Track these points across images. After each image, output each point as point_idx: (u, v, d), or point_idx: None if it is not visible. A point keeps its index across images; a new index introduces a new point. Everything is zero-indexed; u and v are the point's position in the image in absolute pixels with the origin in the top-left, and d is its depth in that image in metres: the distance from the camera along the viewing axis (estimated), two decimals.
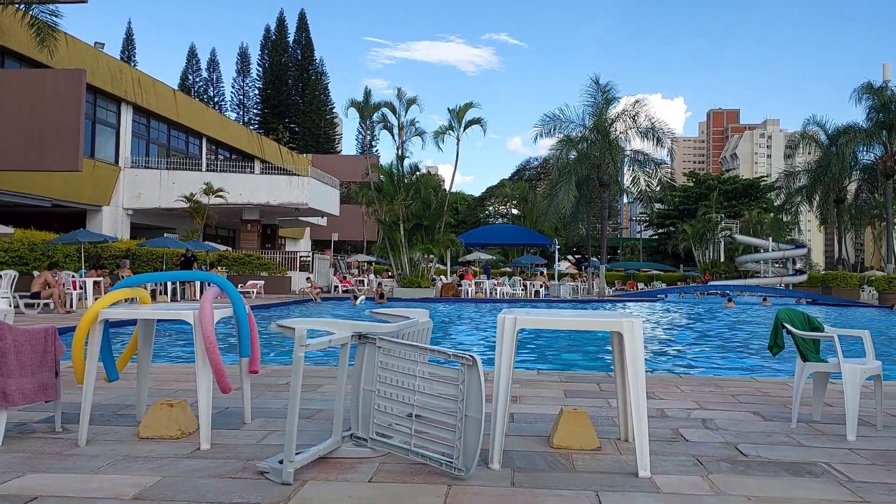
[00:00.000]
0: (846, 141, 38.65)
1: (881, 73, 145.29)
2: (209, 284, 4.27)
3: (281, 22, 75.35)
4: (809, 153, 45.10)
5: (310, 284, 24.56)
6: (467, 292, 27.49)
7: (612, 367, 4.29)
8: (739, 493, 3.18)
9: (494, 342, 3.80)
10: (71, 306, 16.23)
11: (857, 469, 3.61)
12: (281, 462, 3.29)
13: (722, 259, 49.64)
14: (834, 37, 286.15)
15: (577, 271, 51.98)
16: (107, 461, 3.54)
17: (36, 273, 16.61)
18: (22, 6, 18.39)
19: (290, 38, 75.75)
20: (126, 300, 4.60)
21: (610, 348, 4.53)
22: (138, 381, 4.50)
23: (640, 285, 49.49)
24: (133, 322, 4.60)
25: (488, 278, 30.66)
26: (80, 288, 17.08)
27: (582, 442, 3.92)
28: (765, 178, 77.93)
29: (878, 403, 4.66)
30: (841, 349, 4.40)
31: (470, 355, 3.29)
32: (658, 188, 39.44)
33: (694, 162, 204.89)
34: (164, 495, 3.02)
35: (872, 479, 3.45)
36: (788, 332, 4.68)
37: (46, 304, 15.40)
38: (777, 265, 43.19)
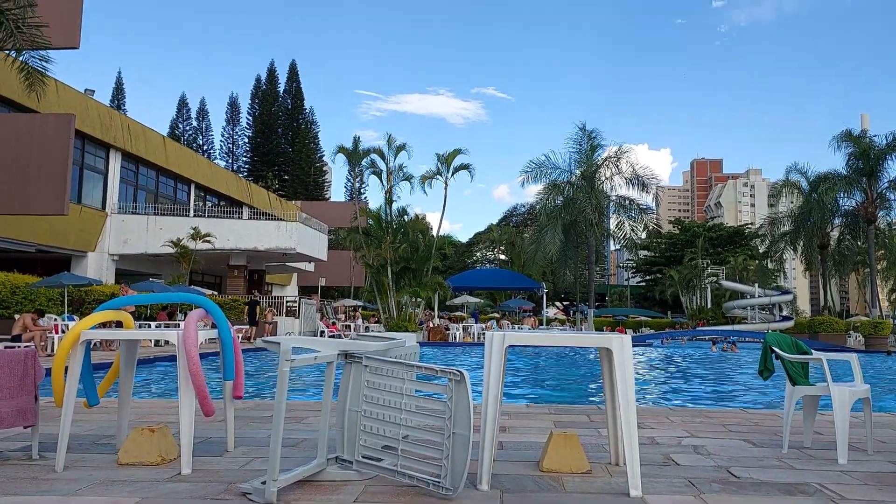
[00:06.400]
0: (827, 188, 39.28)
1: (859, 123, 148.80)
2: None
3: (272, 72, 76.49)
4: (792, 201, 45.76)
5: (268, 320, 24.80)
6: (455, 336, 27.33)
7: (602, 388, 4.24)
8: None
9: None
10: (52, 350, 15.95)
11: (849, 489, 3.56)
12: (264, 483, 3.20)
13: (709, 305, 49.81)
14: (813, 90, 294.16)
15: (565, 317, 51.93)
16: (85, 485, 3.43)
17: (17, 316, 16.38)
18: (12, 52, 18.55)
19: (281, 88, 76.83)
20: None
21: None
22: (119, 407, 4.39)
23: (629, 331, 49.42)
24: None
25: (476, 322, 30.54)
26: (63, 332, 16.82)
27: (572, 465, 3.86)
28: (749, 226, 78.86)
29: (868, 428, 4.63)
30: (829, 372, 4.39)
31: (458, 370, 3.25)
32: (644, 234, 39.79)
33: (679, 210, 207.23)
34: None
35: (865, 497, 3.40)
36: (777, 356, 4.68)
37: (27, 348, 15.13)
38: (764, 311, 43.38)
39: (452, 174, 29.86)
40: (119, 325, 4.46)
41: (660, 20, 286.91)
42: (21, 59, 18.66)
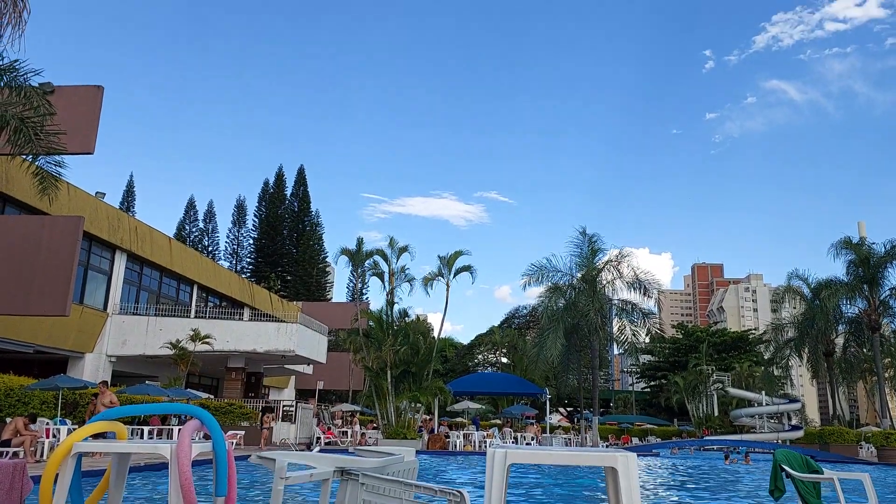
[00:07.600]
0: (828, 295, 39.31)
1: (856, 230, 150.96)
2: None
3: (279, 176, 78.47)
4: (795, 307, 45.70)
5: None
6: (455, 445, 26.63)
7: None
8: None
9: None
10: (42, 456, 15.52)
11: None
12: None
13: (716, 413, 48.81)
14: (808, 197, 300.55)
15: (569, 424, 50.79)
16: None
17: (8, 420, 16.04)
18: (29, 157, 19.08)
19: (288, 191, 78.55)
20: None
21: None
22: None
23: (635, 440, 48.20)
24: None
25: (477, 429, 29.82)
26: (54, 436, 16.41)
27: None
28: (753, 331, 78.44)
29: None
30: (842, 491, 4.24)
31: (458, 491, 3.15)
32: (647, 339, 39.49)
33: (682, 314, 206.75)
34: None
35: None
36: (788, 475, 4.53)
37: (16, 453, 14.72)
38: (772, 420, 42.47)
39: (454, 276, 30.00)
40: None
41: (656, 130, 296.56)
42: (36, 163, 19.19)
